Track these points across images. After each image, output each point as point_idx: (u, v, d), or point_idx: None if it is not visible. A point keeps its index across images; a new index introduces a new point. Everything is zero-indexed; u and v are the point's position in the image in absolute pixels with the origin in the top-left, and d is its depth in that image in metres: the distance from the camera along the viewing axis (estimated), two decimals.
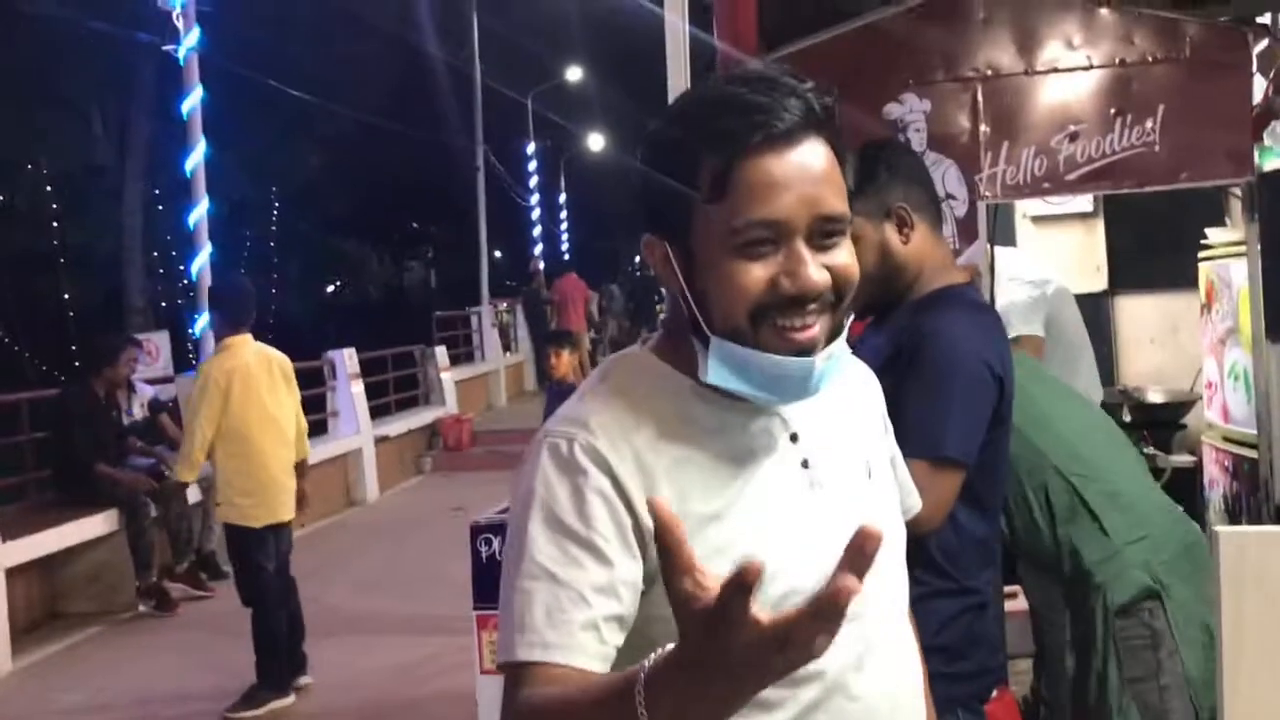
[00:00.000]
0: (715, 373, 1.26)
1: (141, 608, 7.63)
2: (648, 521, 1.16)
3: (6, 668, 6.51)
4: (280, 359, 5.85)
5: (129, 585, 7.69)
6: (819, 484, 1.31)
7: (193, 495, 8.23)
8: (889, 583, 1.37)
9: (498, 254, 37.63)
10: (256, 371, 5.66)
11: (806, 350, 1.24)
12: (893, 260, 2.28)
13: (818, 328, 1.24)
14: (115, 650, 6.94)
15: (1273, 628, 1.19)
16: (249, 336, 5.74)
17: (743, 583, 0.87)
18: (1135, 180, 3.50)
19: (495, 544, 2.70)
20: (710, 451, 1.27)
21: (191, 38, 11.24)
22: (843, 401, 1.40)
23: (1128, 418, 5.18)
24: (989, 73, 3.56)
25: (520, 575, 1.20)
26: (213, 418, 5.50)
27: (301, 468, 5.87)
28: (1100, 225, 6.17)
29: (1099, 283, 6.14)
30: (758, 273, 1.22)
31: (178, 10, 11.18)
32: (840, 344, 1.27)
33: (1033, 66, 3.55)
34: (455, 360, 17.21)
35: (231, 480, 5.57)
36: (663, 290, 1.49)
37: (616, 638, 1.19)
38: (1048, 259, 5.33)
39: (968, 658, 2.19)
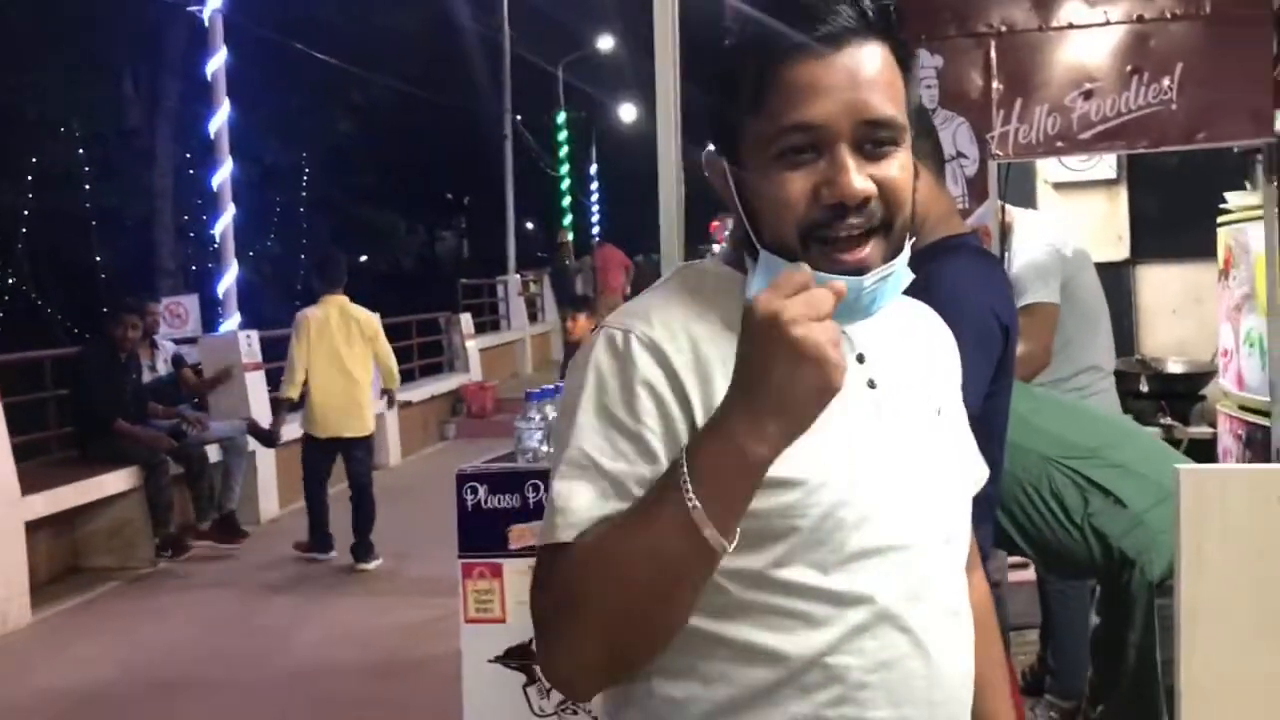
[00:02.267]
0: (759, 286, 1.18)
1: (161, 564, 7.71)
2: (699, 415, 1.17)
3: (26, 619, 6.58)
4: (363, 317, 7.51)
5: (148, 542, 7.77)
6: (883, 405, 1.26)
7: (213, 454, 8.35)
8: (943, 521, 1.30)
9: (529, 225, 37.55)
10: (335, 323, 7.34)
11: (857, 273, 1.17)
12: None
13: (869, 249, 1.18)
14: (132, 604, 7.01)
15: (1230, 565, 1.15)
16: (338, 295, 7.45)
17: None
18: (1150, 140, 3.42)
19: (481, 492, 2.66)
20: None
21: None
22: (912, 339, 1.37)
23: (1145, 388, 5.11)
24: (1003, 29, 3.49)
25: (566, 462, 1.19)
26: (304, 353, 7.28)
27: (389, 394, 8.26)
28: (1124, 193, 6.07)
29: (1121, 251, 6.05)
30: (799, 183, 1.17)
31: None
32: (896, 265, 1.20)
33: (1048, 23, 3.48)
34: (481, 329, 17.22)
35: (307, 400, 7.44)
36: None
37: None
38: (1069, 226, 5.26)
39: None
